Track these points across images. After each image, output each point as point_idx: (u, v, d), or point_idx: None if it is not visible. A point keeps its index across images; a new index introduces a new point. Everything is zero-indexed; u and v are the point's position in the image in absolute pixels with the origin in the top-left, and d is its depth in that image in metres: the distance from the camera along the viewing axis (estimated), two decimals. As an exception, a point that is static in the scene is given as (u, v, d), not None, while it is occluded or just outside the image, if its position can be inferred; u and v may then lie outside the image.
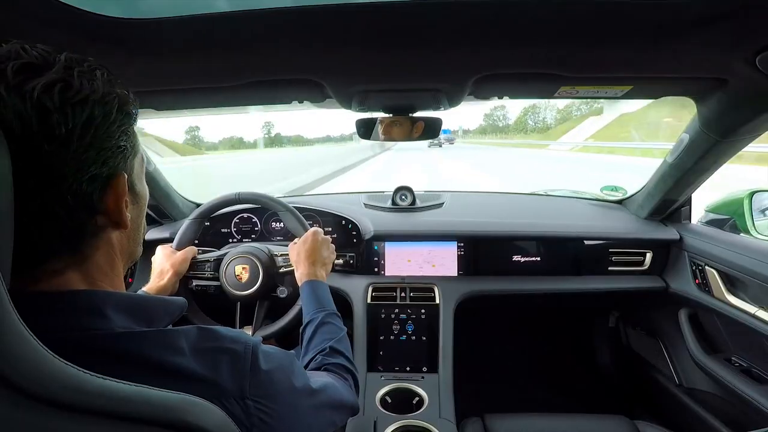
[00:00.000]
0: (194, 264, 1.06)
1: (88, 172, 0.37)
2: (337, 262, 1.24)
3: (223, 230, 1.44)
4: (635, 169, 7.03)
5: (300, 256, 0.94)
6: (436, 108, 0.96)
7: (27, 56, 0.34)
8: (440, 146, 38.14)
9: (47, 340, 0.30)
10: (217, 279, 1.06)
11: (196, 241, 1.12)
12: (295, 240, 1.01)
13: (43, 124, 0.33)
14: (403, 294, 1.29)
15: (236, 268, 1.03)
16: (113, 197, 0.40)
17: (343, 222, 1.39)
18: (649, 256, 1.35)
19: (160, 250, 1.02)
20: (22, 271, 0.33)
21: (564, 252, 1.38)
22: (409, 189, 1.53)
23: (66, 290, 0.38)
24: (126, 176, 0.42)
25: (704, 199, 1.38)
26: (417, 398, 1.08)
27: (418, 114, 0.98)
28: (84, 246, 0.40)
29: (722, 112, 0.89)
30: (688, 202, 1.33)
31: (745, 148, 1.02)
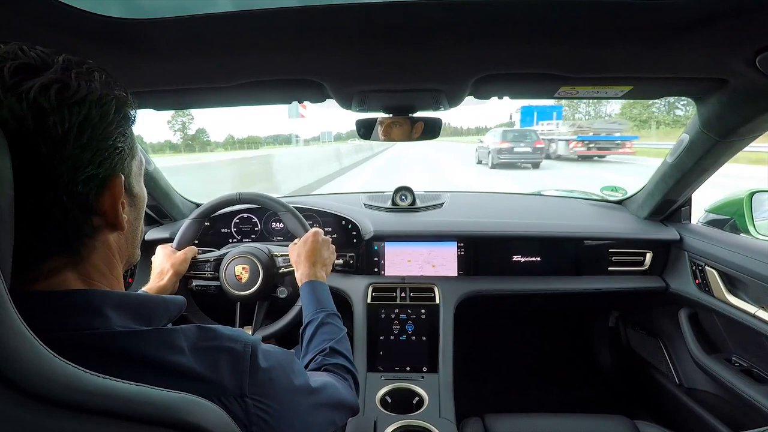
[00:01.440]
0: (194, 264, 1.06)
1: (84, 173, 0.37)
2: (337, 262, 1.24)
3: (223, 230, 1.44)
4: None
5: (300, 256, 0.94)
6: (436, 108, 0.96)
7: (25, 57, 0.34)
8: (535, 167, 12.46)
9: (46, 339, 0.30)
10: (217, 279, 1.06)
11: (196, 241, 1.12)
12: (296, 240, 1.01)
13: (39, 124, 0.33)
14: (403, 294, 1.29)
15: (236, 268, 1.03)
16: (110, 198, 0.40)
17: (343, 222, 1.39)
18: (649, 256, 1.35)
19: (160, 250, 1.03)
20: (18, 271, 0.33)
21: (564, 252, 1.38)
22: (409, 189, 1.53)
23: (63, 290, 0.38)
24: (123, 178, 0.41)
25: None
26: (417, 398, 1.08)
27: (418, 114, 0.99)
28: (80, 246, 0.40)
29: (722, 112, 0.89)
30: (688, 202, 1.34)
31: (745, 148, 1.02)
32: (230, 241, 1.44)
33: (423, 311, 1.26)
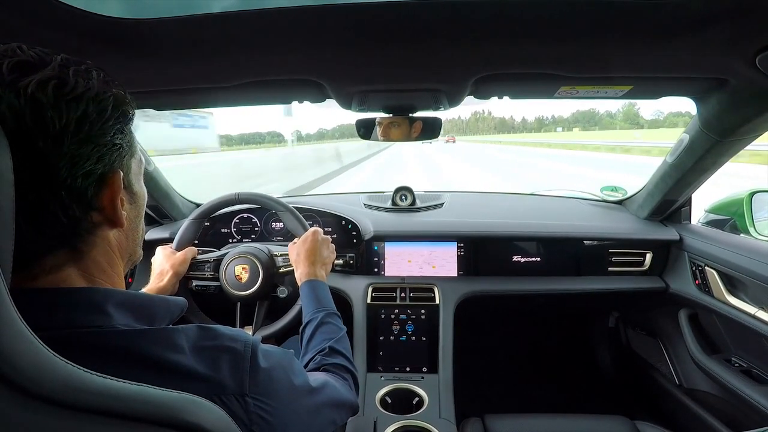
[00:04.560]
0: (194, 264, 1.05)
1: (82, 168, 0.37)
2: (337, 262, 1.24)
3: (223, 230, 1.44)
4: None
5: (300, 256, 0.94)
6: (436, 108, 0.96)
7: (23, 55, 0.35)
8: None
9: (47, 337, 0.30)
10: (217, 279, 1.06)
11: (196, 242, 1.12)
12: (295, 240, 1.01)
13: (37, 119, 0.34)
14: (403, 294, 1.29)
15: (236, 268, 1.03)
16: (108, 194, 0.40)
17: (343, 222, 1.39)
18: (649, 256, 1.35)
19: (160, 251, 1.02)
20: (18, 267, 0.33)
21: (564, 252, 1.38)
22: (409, 189, 1.53)
23: (65, 287, 0.38)
24: (122, 174, 0.42)
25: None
26: (417, 398, 1.08)
27: (417, 114, 0.99)
28: (80, 243, 0.40)
29: (722, 112, 0.89)
30: (688, 202, 1.34)
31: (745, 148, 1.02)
32: (230, 241, 1.43)
33: (423, 311, 1.26)
